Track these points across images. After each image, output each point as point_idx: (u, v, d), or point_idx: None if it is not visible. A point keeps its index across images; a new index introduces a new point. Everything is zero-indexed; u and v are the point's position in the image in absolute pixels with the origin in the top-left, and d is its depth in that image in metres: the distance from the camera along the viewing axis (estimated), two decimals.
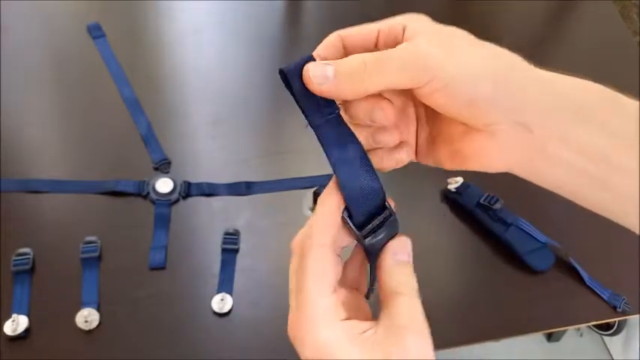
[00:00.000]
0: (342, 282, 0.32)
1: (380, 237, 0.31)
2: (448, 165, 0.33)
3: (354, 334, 0.28)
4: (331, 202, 0.31)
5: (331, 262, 0.30)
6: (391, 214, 0.32)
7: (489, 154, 0.30)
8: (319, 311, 0.29)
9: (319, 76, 0.29)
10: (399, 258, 0.31)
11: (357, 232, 0.31)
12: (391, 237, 0.32)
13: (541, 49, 0.97)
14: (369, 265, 0.33)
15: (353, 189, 0.31)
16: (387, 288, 0.30)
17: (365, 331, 0.28)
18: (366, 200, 0.31)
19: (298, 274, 0.30)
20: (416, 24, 0.30)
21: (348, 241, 0.32)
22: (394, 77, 0.28)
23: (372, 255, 0.32)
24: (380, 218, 0.32)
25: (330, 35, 0.32)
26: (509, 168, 0.30)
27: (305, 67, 0.29)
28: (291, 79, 0.30)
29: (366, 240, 0.31)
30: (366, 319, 0.30)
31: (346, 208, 0.31)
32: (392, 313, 0.29)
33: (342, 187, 0.31)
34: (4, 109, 0.79)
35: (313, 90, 0.29)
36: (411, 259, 0.31)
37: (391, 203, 0.32)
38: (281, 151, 0.81)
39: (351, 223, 0.31)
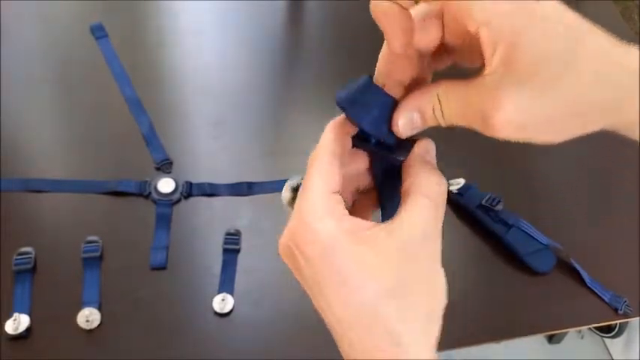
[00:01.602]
0: None
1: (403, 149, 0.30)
2: None
3: (360, 227, 0.27)
4: (338, 128, 0.30)
5: (337, 167, 0.29)
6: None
7: None
8: (324, 203, 0.27)
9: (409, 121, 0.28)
10: (428, 158, 0.30)
11: (375, 148, 0.31)
12: (410, 146, 0.31)
13: None
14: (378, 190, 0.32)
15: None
16: (415, 188, 0.28)
17: (370, 228, 0.28)
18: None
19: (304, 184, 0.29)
20: None
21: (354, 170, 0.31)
22: None
23: (386, 172, 0.31)
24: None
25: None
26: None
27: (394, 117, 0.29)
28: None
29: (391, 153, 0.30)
30: None
31: (357, 134, 0.31)
32: (410, 212, 0.28)
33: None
34: (6, 109, 0.79)
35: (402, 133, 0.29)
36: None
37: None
38: (283, 152, 0.81)
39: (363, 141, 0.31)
